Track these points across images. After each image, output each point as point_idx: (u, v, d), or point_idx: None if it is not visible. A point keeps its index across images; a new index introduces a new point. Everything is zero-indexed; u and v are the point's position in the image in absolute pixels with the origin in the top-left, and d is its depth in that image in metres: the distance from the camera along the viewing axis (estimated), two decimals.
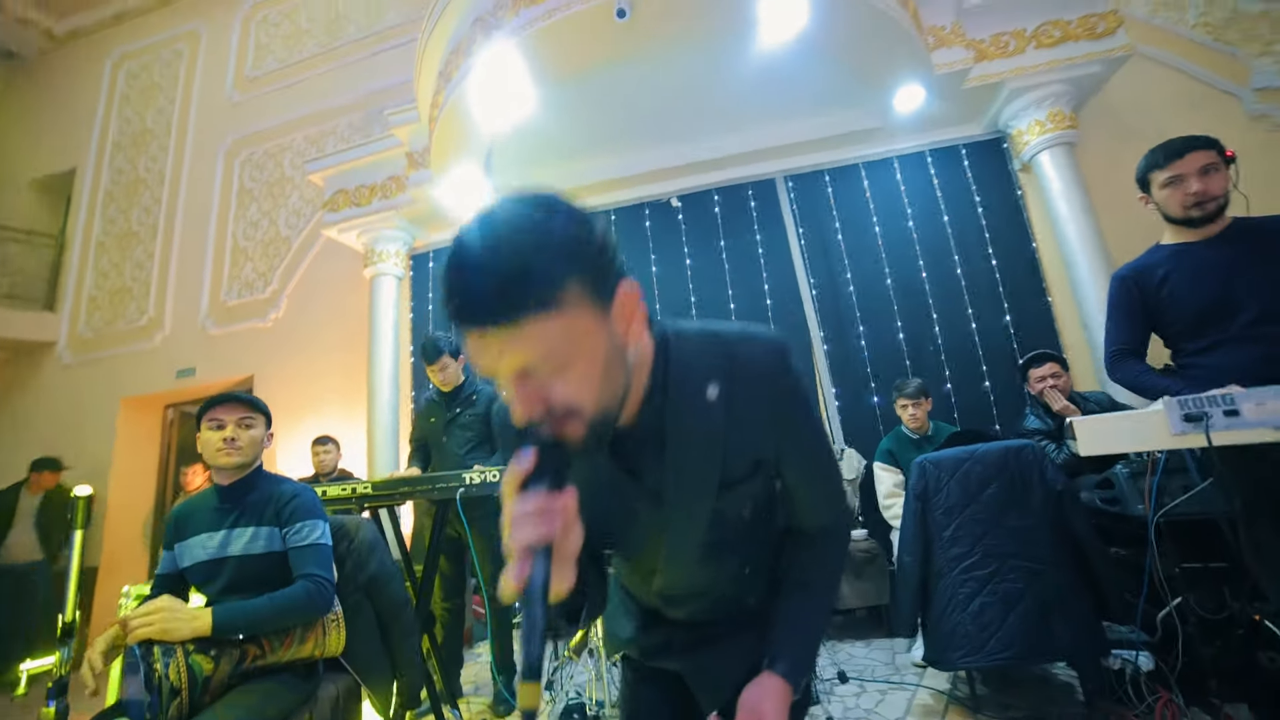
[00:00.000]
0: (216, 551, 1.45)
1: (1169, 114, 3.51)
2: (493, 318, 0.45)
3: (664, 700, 0.81)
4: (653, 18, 2.45)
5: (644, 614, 0.80)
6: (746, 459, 0.63)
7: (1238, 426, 0.99)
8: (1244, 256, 1.36)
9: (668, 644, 0.78)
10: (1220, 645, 1.71)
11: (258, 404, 1.58)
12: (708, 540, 0.66)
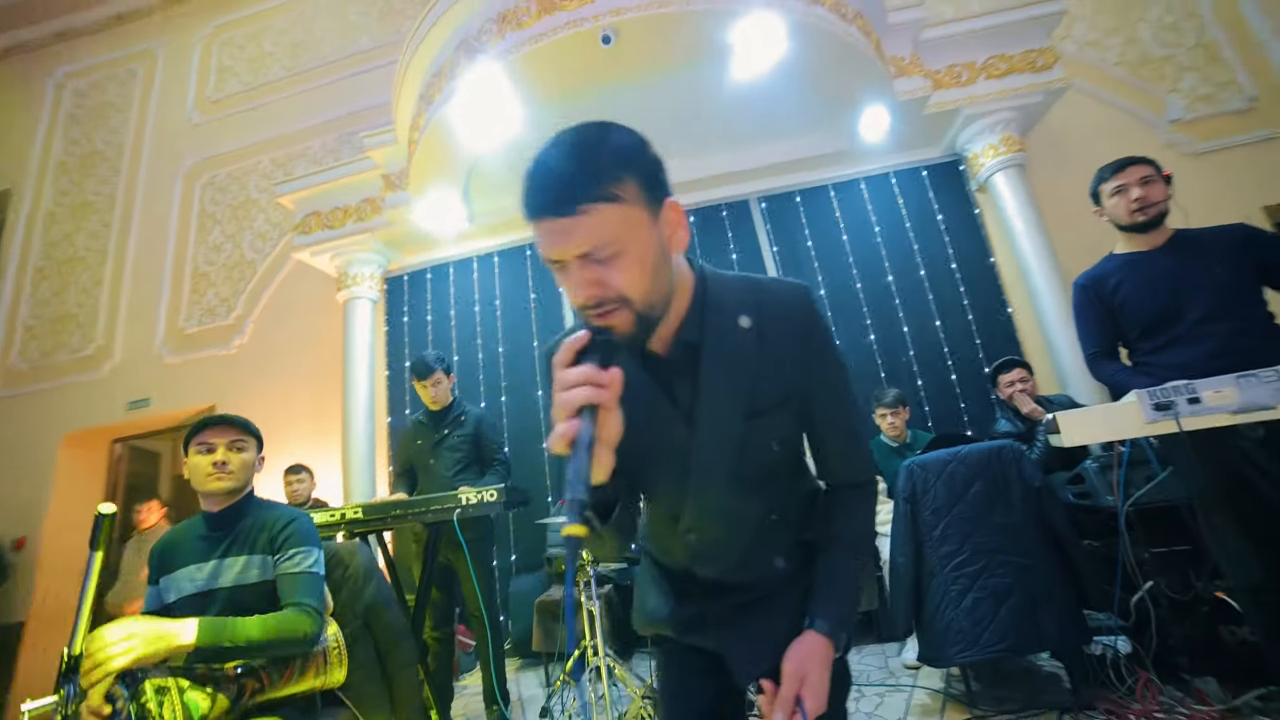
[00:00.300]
0: (206, 583, 1.39)
1: (1098, 140, 3.87)
2: (563, 206, 0.54)
3: (703, 680, 0.82)
4: (635, 44, 2.57)
5: (675, 585, 0.82)
6: (776, 389, 0.68)
7: (1200, 412, 1.10)
8: (1186, 265, 1.53)
9: (701, 616, 0.78)
10: (1188, 624, 1.85)
11: (249, 426, 1.54)
12: (736, 473, 0.70)
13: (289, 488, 3.30)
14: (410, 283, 4.27)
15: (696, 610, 0.79)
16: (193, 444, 1.46)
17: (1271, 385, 1.09)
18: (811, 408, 0.72)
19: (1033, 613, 1.86)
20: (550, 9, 2.50)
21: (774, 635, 0.71)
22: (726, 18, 2.55)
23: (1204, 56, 3.97)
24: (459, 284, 4.23)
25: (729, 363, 0.67)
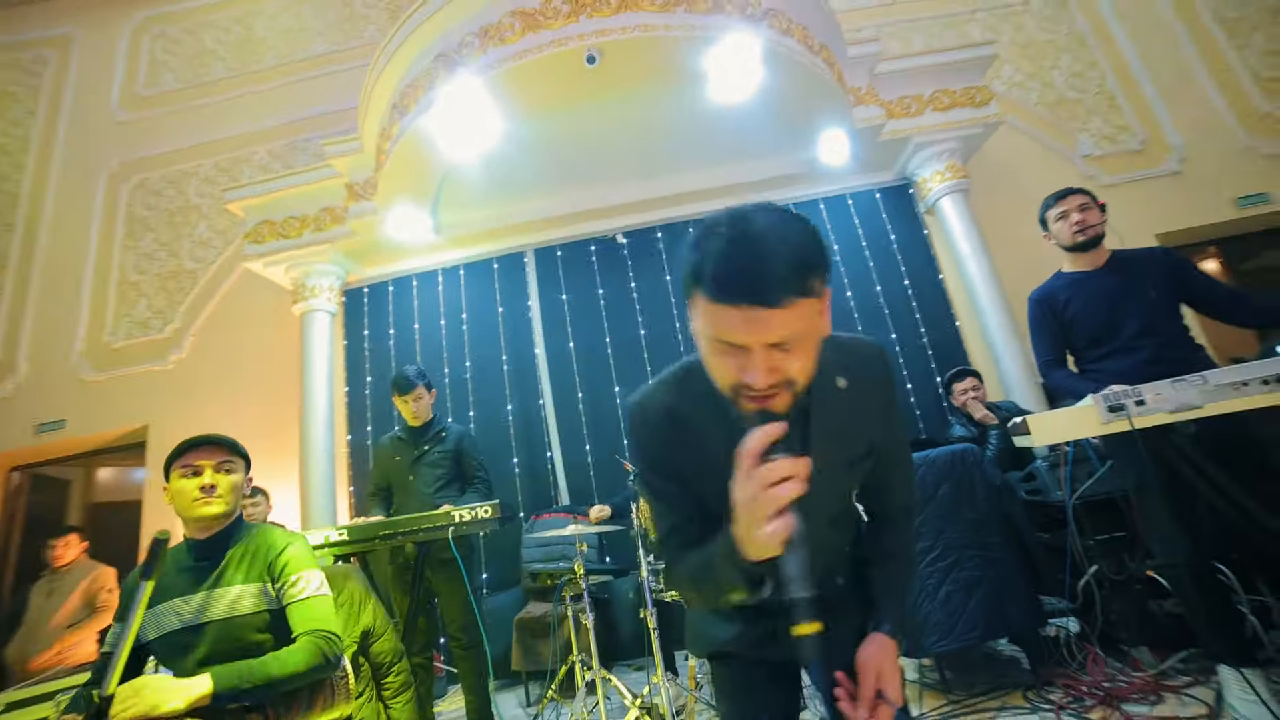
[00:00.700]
0: (194, 617, 1.31)
1: (1026, 170, 4.33)
2: (772, 297, 0.56)
3: (771, 689, 0.89)
4: (615, 65, 2.67)
5: (744, 610, 0.86)
6: (865, 440, 0.78)
7: (1145, 412, 1.29)
8: (1124, 284, 1.78)
9: (773, 633, 0.84)
10: (1124, 601, 2.09)
11: (237, 446, 1.48)
12: (832, 510, 0.79)
13: (243, 511, 3.10)
14: (370, 295, 4.14)
15: (769, 629, 0.85)
16: (176, 467, 1.39)
17: (1199, 388, 1.30)
18: (884, 451, 0.81)
19: (999, 602, 2.04)
20: (534, 27, 2.56)
21: (840, 643, 0.78)
22: (704, 44, 2.70)
23: (1105, 102, 4.53)
24: (423, 297, 4.15)
25: (833, 420, 0.74)
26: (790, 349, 0.60)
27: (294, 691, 1.28)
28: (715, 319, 0.60)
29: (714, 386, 0.68)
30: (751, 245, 0.57)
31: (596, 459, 3.80)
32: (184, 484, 1.36)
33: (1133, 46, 4.63)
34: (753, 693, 0.90)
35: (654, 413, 0.78)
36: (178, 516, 1.39)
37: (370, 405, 3.91)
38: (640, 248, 4.29)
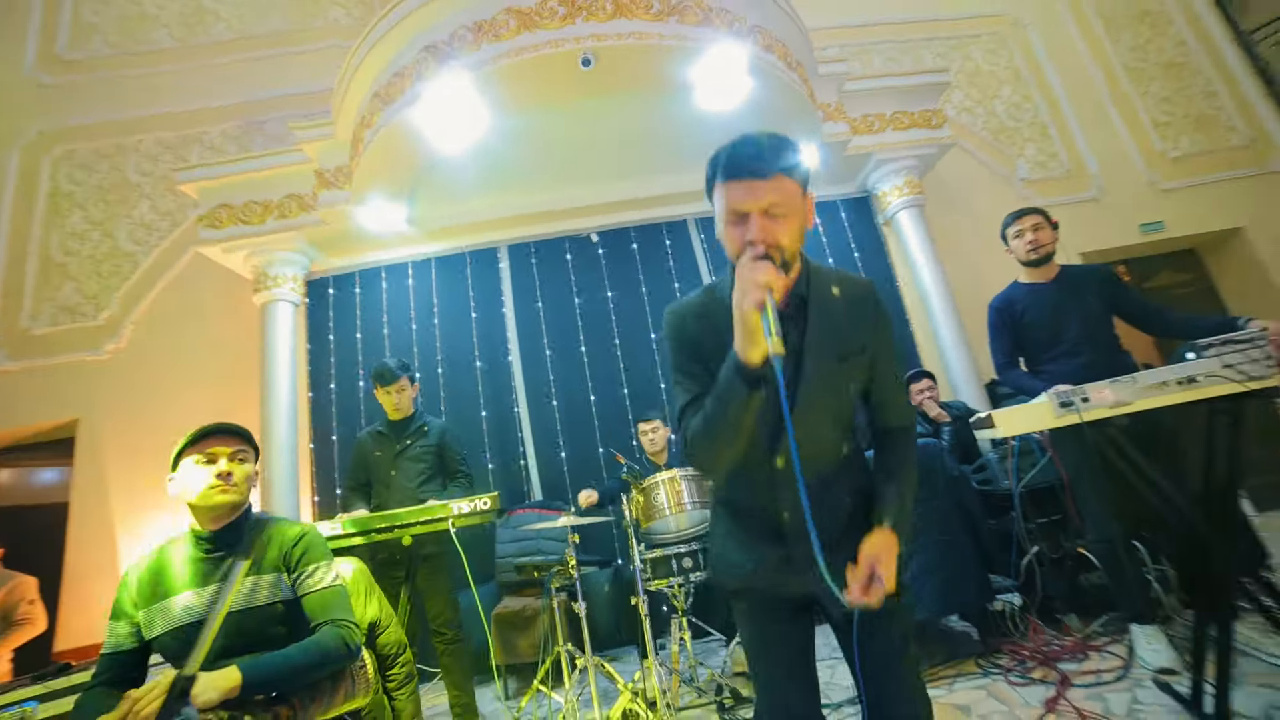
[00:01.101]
0: (207, 609, 1.30)
1: (972, 189, 4.74)
2: (762, 171, 0.84)
3: (791, 626, 1.03)
4: (608, 70, 2.75)
5: (758, 532, 1.01)
6: (856, 341, 0.96)
7: (1089, 408, 1.52)
8: (1069, 296, 2.05)
9: (789, 559, 0.97)
10: (1058, 576, 2.39)
11: (250, 436, 1.47)
12: (827, 403, 0.95)
13: None
14: (336, 286, 4.01)
15: (785, 553, 0.98)
16: (190, 454, 1.37)
17: (1132, 387, 1.54)
18: (875, 364, 1.00)
19: (955, 582, 2.28)
20: (530, 26, 2.60)
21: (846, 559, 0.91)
22: (692, 54, 2.83)
23: (1038, 132, 5.03)
24: (392, 290, 4.06)
25: (827, 314, 0.95)
26: (778, 218, 0.86)
27: (317, 682, 1.29)
28: (726, 195, 0.88)
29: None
30: (747, 140, 0.88)
31: (570, 454, 3.86)
32: (199, 471, 1.34)
33: (1060, 84, 5.16)
34: (772, 625, 1.04)
35: (688, 310, 1.02)
36: (187, 506, 1.37)
37: (335, 401, 3.79)
38: (614, 248, 4.38)
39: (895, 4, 5.24)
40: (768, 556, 1.00)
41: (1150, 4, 5.55)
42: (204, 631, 0.91)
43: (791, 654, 1.03)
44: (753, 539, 1.03)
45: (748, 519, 1.05)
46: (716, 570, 1.12)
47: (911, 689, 0.97)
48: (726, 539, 1.08)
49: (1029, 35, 5.32)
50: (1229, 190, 4.90)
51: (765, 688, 1.06)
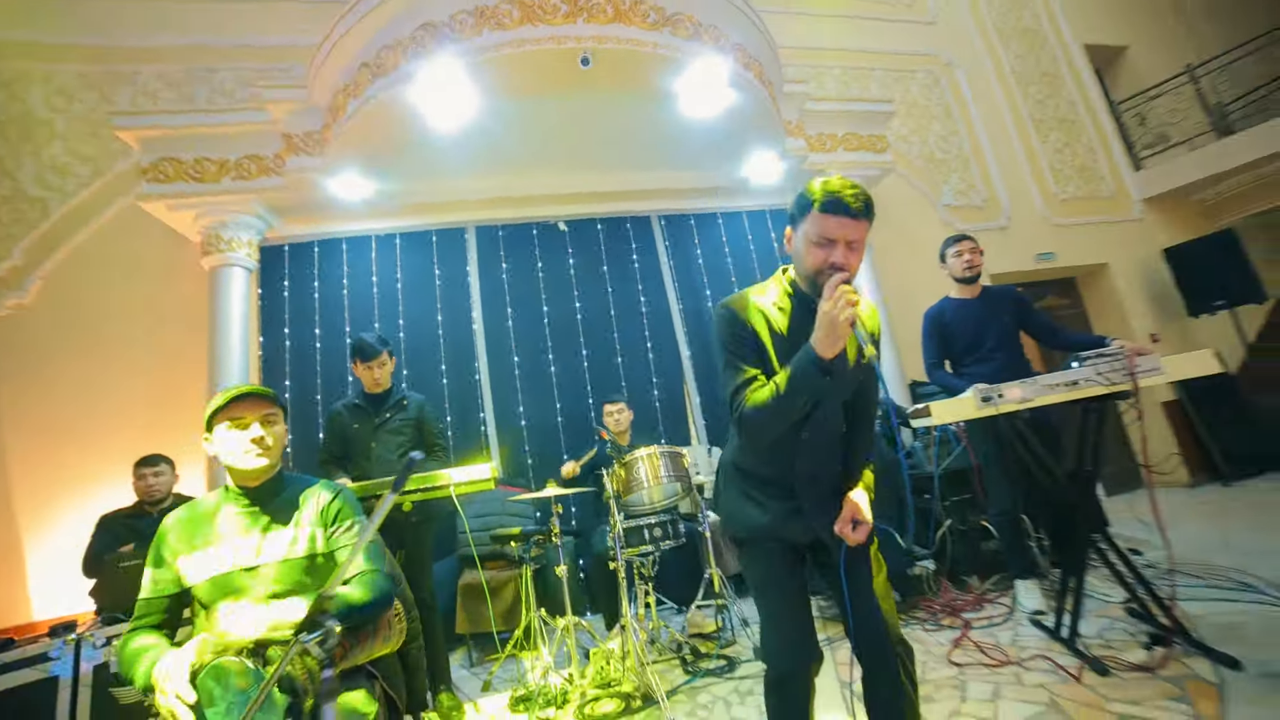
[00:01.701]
0: (248, 559, 1.38)
1: (904, 210, 5.33)
2: (860, 214, 1.11)
3: (794, 569, 1.32)
4: (600, 70, 2.91)
5: (769, 492, 1.31)
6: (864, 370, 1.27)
7: (1003, 402, 1.92)
8: (988, 312, 2.50)
9: (798, 509, 1.28)
10: (965, 544, 2.88)
11: (278, 398, 1.53)
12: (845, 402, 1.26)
13: (143, 481, 2.82)
14: (292, 254, 3.86)
15: (794, 506, 1.28)
16: (222, 418, 1.42)
17: (1035, 387, 1.96)
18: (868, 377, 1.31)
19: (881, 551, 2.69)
20: (533, 19, 2.69)
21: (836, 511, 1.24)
22: (681, 65, 3.04)
23: (961, 164, 5.73)
24: (354, 262, 3.97)
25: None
26: (855, 249, 1.14)
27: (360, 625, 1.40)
28: (821, 224, 1.12)
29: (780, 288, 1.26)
30: (851, 185, 1.14)
31: (531, 426, 3.99)
32: (232, 435, 1.40)
33: (981, 124, 5.90)
34: (780, 567, 1.33)
35: (742, 301, 1.26)
36: (223, 465, 1.42)
37: (289, 372, 3.67)
38: (581, 237, 4.53)
39: (848, 33, 5.74)
40: (780, 510, 1.29)
41: (1050, 66, 6.44)
42: (352, 554, 1.02)
43: (794, 589, 1.31)
44: (767, 497, 1.31)
45: (762, 481, 1.32)
46: (731, 524, 1.40)
47: (879, 606, 1.28)
48: (741, 498, 1.35)
49: (957, 77, 6.02)
50: (1100, 232, 5.85)
51: (772, 616, 1.34)
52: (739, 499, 1.36)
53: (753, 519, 1.32)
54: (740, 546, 1.40)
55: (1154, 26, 7.11)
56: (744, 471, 1.37)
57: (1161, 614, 1.97)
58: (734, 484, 1.39)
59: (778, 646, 1.33)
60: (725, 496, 1.42)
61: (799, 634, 1.30)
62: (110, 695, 1.97)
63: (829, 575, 1.32)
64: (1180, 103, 6.21)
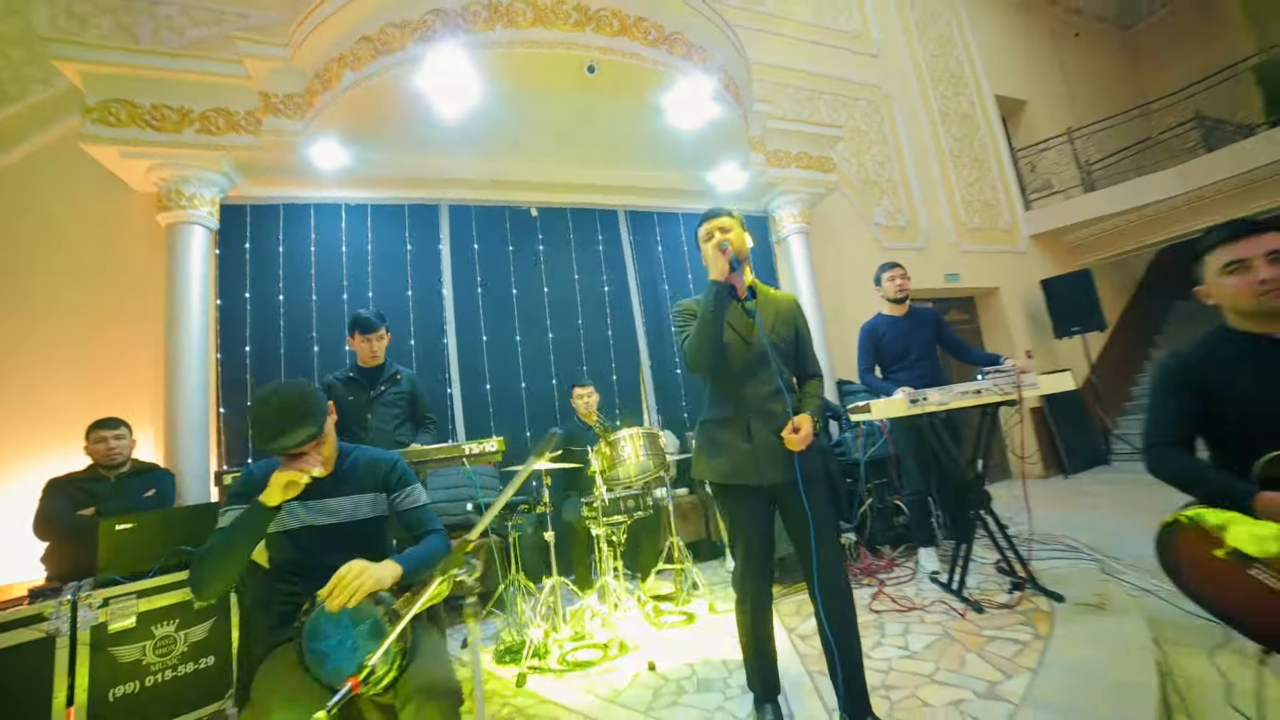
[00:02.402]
0: (328, 517, 1.55)
1: (841, 226, 5.96)
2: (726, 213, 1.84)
3: (760, 511, 1.72)
4: (608, 79, 3.13)
5: (731, 439, 1.70)
6: (789, 325, 1.83)
7: (925, 404, 2.45)
8: (913, 328, 3.06)
9: (753, 454, 1.67)
10: (881, 520, 3.48)
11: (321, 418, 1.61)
12: (771, 354, 1.69)
13: (102, 444, 2.72)
14: (255, 215, 3.73)
15: (751, 448, 1.68)
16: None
17: (950, 393, 2.50)
18: (799, 340, 1.80)
19: None
20: (545, 22, 2.84)
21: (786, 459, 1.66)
22: (672, 80, 3.33)
23: (891, 189, 6.48)
24: (322, 230, 3.90)
25: (766, 303, 1.80)
26: (726, 231, 1.77)
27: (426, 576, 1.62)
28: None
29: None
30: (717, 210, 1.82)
31: (496, 401, 4.18)
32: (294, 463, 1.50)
33: (910, 154, 6.68)
34: (747, 509, 1.73)
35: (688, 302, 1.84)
36: None
37: (250, 335, 3.58)
38: (551, 224, 4.71)
39: (804, 56, 6.25)
40: (740, 455, 1.69)
41: (968, 109, 7.38)
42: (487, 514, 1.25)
43: (759, 533, 1.72)
44: (728, 445, 1.71)
45: (724, 431, 1.72)
46: (701, 469, 1.80)
47: (833, 535, 1.71)
48: (710, 448, 1.76)
49: (894, 109, 6.75)
50: (996, 260, 6.87)
51: (743, 551, 1.75)
52: (708, 450, 1.77)
53: (720, 466, 1.72)
54: (719, 494, 1.80)
55: (1048, 87, 8.32)
56: (710, 422, 1.79)
57: (1021, 569, 2.62)
58: (703, 438, 1.80)
59: (744, 571, 1.75)
60: (697, 451, 1.83)
61: (761, 565, 1.75)
62: (110, 654, 2.01)
63: (792, 525, 1.72)
64: (1062, 158, 7.39)
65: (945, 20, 7.64)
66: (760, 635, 1.77)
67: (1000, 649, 2.11)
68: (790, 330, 1.81)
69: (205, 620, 2.22)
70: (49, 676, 1.88)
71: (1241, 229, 1.30)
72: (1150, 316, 7.98)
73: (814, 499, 1.66)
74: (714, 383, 1.79)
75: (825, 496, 1.71)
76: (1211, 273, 1.34)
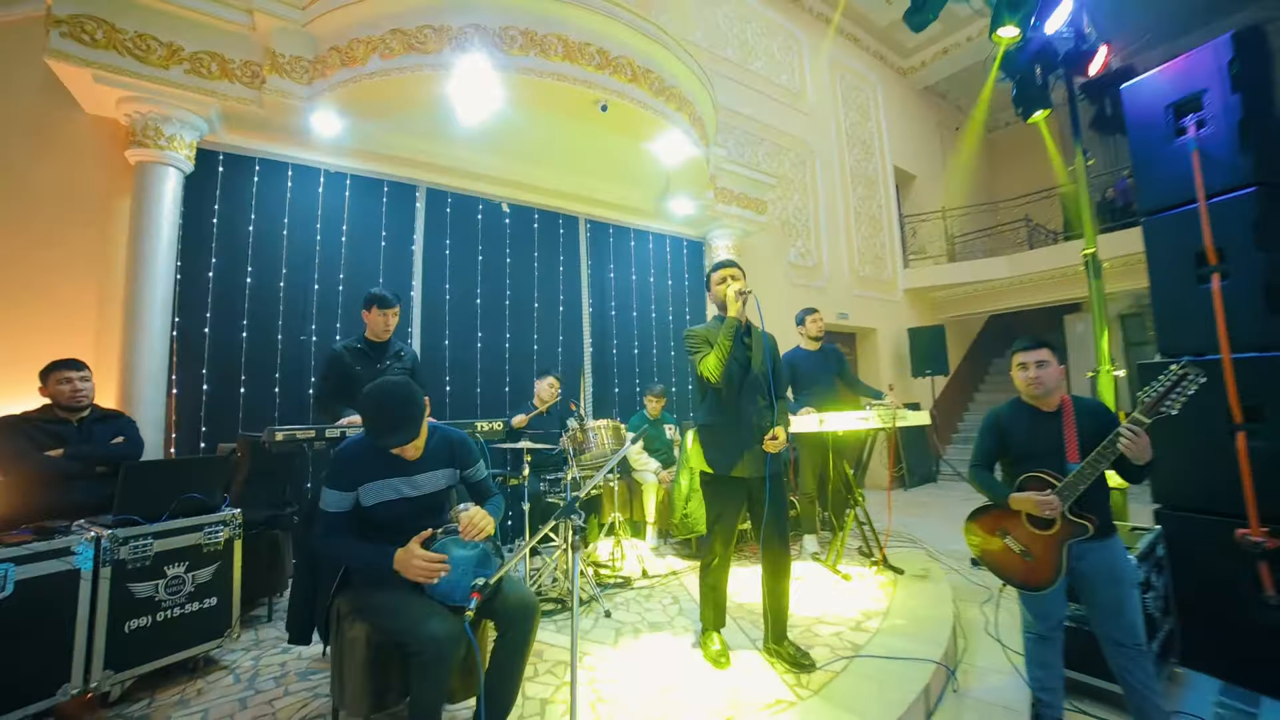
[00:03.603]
0: (411, 490, 1.90)
1: (764, 260, 6.95)
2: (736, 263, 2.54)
3: (739, 498, 2.40)
4: (614, 117, 3.62)
5: (729, 443, 2.36)
6: (771, 354, 2.48)
7: (828, 425, 3.32)
8: (822, 362, 3.96)
9: (740, 453, 2.34)
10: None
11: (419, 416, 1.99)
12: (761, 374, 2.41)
13: (66, 386, 2.67)
14: (228, 164, 3.66)
15: (740, 452, 2.35)
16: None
17: (847, 418, 3.40)
18: (776, 365, 2.48)
19: None
20: (573, 59, 3.24)
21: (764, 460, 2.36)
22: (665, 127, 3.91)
23: (804, 232, 7.62)
24: (299, 192, 3.92)
25: (758, 338, 2.44)
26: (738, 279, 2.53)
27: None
28: (723, 276, 2.48)
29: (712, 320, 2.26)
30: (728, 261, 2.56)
31: (453, 383, 4.47)
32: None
33: (824, 205, 7.89)
34: (727, 494, 2.39)
35: (707, 329, 2.32)
36: None
37: (211, 292, 3.54)
38: (519, 222, 5.06)
39: (752, 104, 7.14)
40: (735, 453, 2.35)
41: (872, 174, 8.83)
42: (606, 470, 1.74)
43: (735, 509, 2.40)
44: (725, 445, 2.37)
45: (722, 435, 2.37)
46: (699, 460, 2.44)
47: (784, 517, 2.44)
48: (710, 447, 2.41)
49: (815, 162, 7.91)
50: (878, 305, 8.35)
51: (718, 525, 2.41)
52: (710, 448, 2.41)
53: (720, 459, 2.37)
54: (709, 481, 2.45)
55: (932, 168, 10.14)
56: (710, 427, 2.42)
57: (878, 551, 3.62)
58: (706, 438, 2.44)
59: (715, 540, 2.43)
60: (701, 448, 2.46)
61: (729, 537, 2.44)
62: (127, 589, 2.16)
63: (757, 509, 2.43)
64: (935, 230, 9.12)
65: (865, 94, 9.03)
66: (718, 585, 2.46)
67: (863, 602, 3.02)
68: (771, 362, 2.46)
69: (212, 564, 2.41)
70: (73, 606, 2.02)
71: (1027, 344, 2.20)
72: (976, 370, 10.12)
73: (775, 490, 2.37)
74: (715, 396, 2.40)
75: (781, 489, 2.43)
76: (1013, 366, 2.25)
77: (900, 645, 2.47)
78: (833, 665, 2.33)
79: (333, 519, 1.82)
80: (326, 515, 1.82)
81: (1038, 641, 1.97)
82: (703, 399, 2.48)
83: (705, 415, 2.45)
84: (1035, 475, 1.92)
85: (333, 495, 1.82)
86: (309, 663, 2.49)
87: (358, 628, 1.73)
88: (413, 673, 1.62)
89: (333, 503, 1.81)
